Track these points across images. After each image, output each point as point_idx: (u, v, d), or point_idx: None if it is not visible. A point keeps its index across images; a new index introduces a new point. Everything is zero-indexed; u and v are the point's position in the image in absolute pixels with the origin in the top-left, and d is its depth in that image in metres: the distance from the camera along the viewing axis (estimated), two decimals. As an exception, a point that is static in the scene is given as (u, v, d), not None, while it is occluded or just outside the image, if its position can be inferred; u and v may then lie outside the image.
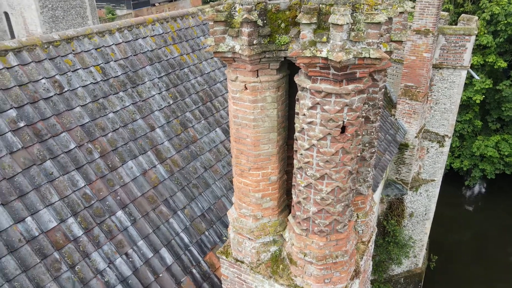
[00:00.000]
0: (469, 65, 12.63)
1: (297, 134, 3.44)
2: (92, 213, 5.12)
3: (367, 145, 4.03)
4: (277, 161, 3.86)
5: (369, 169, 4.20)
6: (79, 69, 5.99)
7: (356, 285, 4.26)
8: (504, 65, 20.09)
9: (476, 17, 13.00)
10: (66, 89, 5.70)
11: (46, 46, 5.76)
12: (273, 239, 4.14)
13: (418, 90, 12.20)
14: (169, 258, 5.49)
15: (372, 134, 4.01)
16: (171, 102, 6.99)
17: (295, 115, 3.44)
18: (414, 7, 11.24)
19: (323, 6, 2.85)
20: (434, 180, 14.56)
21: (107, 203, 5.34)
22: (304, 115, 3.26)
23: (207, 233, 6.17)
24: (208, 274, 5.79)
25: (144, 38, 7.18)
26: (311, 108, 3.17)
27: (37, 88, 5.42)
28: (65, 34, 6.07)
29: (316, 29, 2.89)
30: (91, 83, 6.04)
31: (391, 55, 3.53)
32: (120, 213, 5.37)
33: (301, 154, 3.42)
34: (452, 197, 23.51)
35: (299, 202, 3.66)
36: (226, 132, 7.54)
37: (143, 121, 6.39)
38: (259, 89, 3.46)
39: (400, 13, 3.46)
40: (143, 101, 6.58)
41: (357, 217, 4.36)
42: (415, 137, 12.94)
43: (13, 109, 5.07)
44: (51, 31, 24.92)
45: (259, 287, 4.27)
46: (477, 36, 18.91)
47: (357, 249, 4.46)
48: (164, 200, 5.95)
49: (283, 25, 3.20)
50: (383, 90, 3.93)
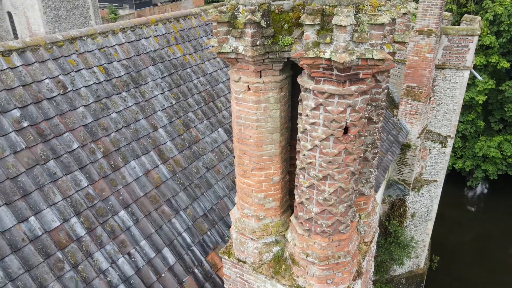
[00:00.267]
0: (472, 66, 12.60)
1: (300, 134, 3.44)
2: (95, 213, 5.14)
3: (369, 146, 4.03)
4: (280, 162, 3.86)
5: (372, 170, 4.20)
6: (82, 69, 6.01)
7: (358, 286, 4.26)
8: (507, 65, 20.03)
9: (479, 18, 12.97)
10: (69, 89, 5.72)
11: (49, 46, 5.78)
12: (275, 240, 4.15)
13: (420, 90, 12.18)
14: (171, 258, 5.51)
15: (374, 135, 4.01)
16: (174, 102, 7.01)
17: (298, 116, 3.44)
18: (417, 8, 11.23)
19: (327, 7, 2.85)
20: (436, 180, 14.53)
21: (110, 203, 5.36)
22: (307, 115, 3.26)
23: (209, 233, 6.18)
24: (210, 274, 5.80)
25: (147, 38, 7.20)
26: (314, 109, 3.18)
27: (40, 88, 5.44)
28: (68, 34, 6.09)
29: (319, 30, 2.90)
30: (94, 83, 6.06)
31: (394, 56, 3.53)
32: (122, 213, 5.39)
33: (304, 154, 3.43)
34: (454, 198, 23.46)
35: (301, 202, 3.66)
36: (228, 132, 7.55)
37: (145, 121, 6.41)
38: (262, 90, 3.47)
39: (403, 14, 3.47)
40: (145, 101, 6.60)
41: (359, 217, 4.37)
42: (417, 137, 12.92)
43: (16, 109, 5.09)
44: (54, 31, 25.01)
45: (261, 287, 4.28)
46: (480, 36, 18.85)
47: (359, 249, 4.46)
48: (166, 200, 5.97)
49: (286, 26, 3.21)
50: (386, 90, 3.93)
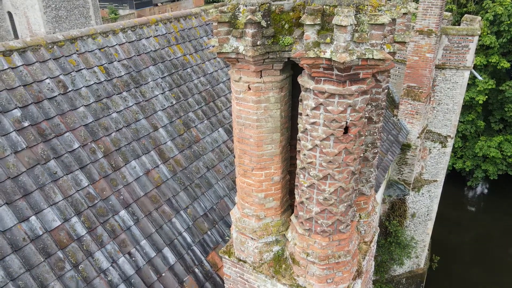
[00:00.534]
0: (472, 66, 12.61)
1: (300, 134, 3.45)
2: (95, 213, 5.14)
3: (369, 145, 4.04)
4: (280, 161, 3.87)
5: (372, 170, 4.21)
6: (83, 69, 6.02)
7: (358, 285, 4.27)
8: (507, 65, 20.04)
9: (479, 18, 12.98)
10: (70, 89, 5.73)
11: (50, 46, 5.79)
12: (275, 239, 4.16)
13: (420, 90, 12.18)
14: (171, 257, 5.52)
15: (375, 134, 4.02)
16: (174, 102, 7.02)
17: (298, 116, 3.45)
18: (417, 8, 11.23)
19: (327, 7, 2.86)
20: (436, 180, 14.54)
21: (111, 202, 5.36)
22: (307, 115, 3.27)
23: (209, 232, 6.19)
24: (210, 273, 5.81)
25: (147, 38, 7.21)
26: (314, 108, 3.18)
27: (41, 88, 5.45)
28: (69, 34, 6.10)
29: (319, 30, 2.90)
30: (95, 83, 6.07)
31: (395, 56, 3.54)
32: (123, 213, 5.40)
33: (304, 154, 3.43)
34: (454, 198, 23.47)
35: (302, 202, 3.67)
36: (228, 132, 7.56)
37: (146, 121, 6.42)
38: (263, 90, 3.48)
39: (403, 14, 3.47)
40: (146, 101, 6.61)
41: (360, 217, 4.37)
42: (418, 137, 12.93)
43: (17, 109, 5.10)
44: (54, 31, 25.02)
45: (261, 286, 4.29)
46: (480, 36, 18.87)
47: (359, 249, 4.47)
48: (167, 199, 5.98)
49: (286, 26, 3.21)
50: (386, 90, 3.94)
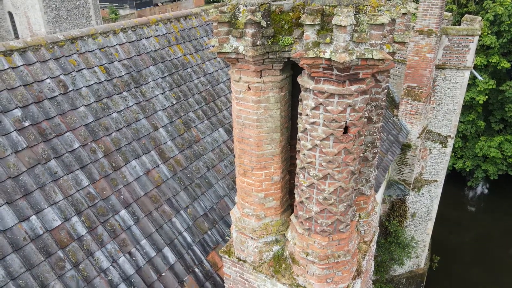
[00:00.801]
0: (472, 66, 12.62)
1: (300, 134, 3.46)
2: (95, 212, 5.15)
3: (369, 145, 4.05)
4: (280, 161, 3.88)
5: (372, 170, 4.22)
6: (83, 69, 6.03)
7: (358, 285, 4.28)
8: (507, 65, 20.04)
9: (479, 18, 12.98)
10: (70, 89, 5.74)
11: (51, 46, 5.80)
12: (275, 239, 4.17)
13: (420, 90, 12.19)
14: (172, 257, 5.53)
15: (374, 134, 4.03)
16: (174, 102, 7.03)
17: (298, 116, 3.46)
18: (417, 8, 11.24)
19: (327, 7, 2.86)
20: (436, 180, 14.54)
21: (111, 202, 5.37)
22: (307, 115, 3.27)
23: (209, 232, 6.20)
24: (210, 273, 5.81)
25: (147, 38, 7.22)
26: (314, 108, 3.19)
27: (42, 87, 5.46)
28: (69, 34, 6.11)
29: (319, 30, 2.91)
30: (95, 83, 6.08)
31: (394, 56, 3.54)
32: (123, 212, 5.41)
33: (304, 154, 3.44)
34: (454, 198, 23.47)
35: (301, 202, 3.68)
36: (229, 132, 7.57)
37: (146, 121, 6.43)
38: (263, 90, 3.49)
39: (403, 14, 3.48)
40: (146, 101, 6.62)
41: (359, 217, 4.38)
42: (418, 137, 12.94)
43: (18, 109, 5.11)
44: (55, 31, 25.04)
45: (261, 286, 4.29)
46: (480, 36, 18.87)
47: (359, 249, 4.48)
48: (167, 199, 5.99)
49: (286, 26, 3.22)
50: (386, 90, 3.94)
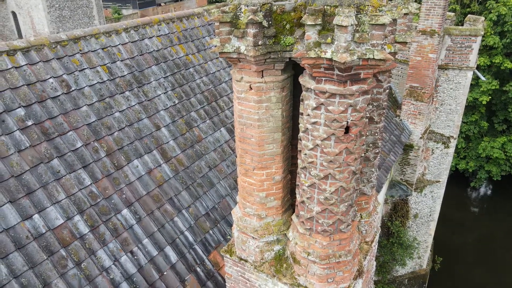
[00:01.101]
0: (475, 66, 12.58)
1: (301, 134, 3.46)
2: (98, 211, 5.18)
3: (371, 145, 4.05)
4: (281, 161, 3.89)
5: (373, 170, 4.22)
6: (86, 68, 6.06)
7: (359, 285, 4.28)
8: (510, 66, 19.95)
9: (482, 18, 12.95)
10: (73, 89, 5.77)
11: (54, 46, 5.83)
12: (276, 238, 4.17)
13: (423, 91, 12.16)
14: (173, 256, 5.54)
15: (376, 134, 4.03)
16: (177, 101, 7.05)
17: (300, 115, 3.46)
18: (419, 9, 11.22)
19: (328, 7, 2.87)
20: (439, 181, 14.51)
21: (113, 201, 5.40)
22: (308, 115, 3.28)
23: (211, 232, 6.21)
24: (212, 272, 5.83)
25: (150, 38, 7.24)
26: (315, 108, 3.20)
27: (45, 87, 5.49)
28: (72, 34, 6.14)
29: (321, 30, 2.92)
30: (98, 82, 6.11)
31: (396, 56, 3.54)
32: (125, 211, 5.43)
33: (305, 154, 3.45)
34: (457, 199, 23.40)
35: (302, 201, 3.68)
36: (230, 131, 7.58)
37: (148, 121, 6.45)
38: (264, 90, 3.49)
39: (404, 14, 3.48)
40: (148, 100, 6.64)
41: (361, 217, 4.38)
42: (420, 138, 12.91)
43: (21, 108, 5.14)
44: (58, 31, 25.13)
45: (262, 285, 4.30)
46: (483, 36, 18.82)
47: (360, 249, 4.48)
48: (169, 199, 6.01)
49: (288, 26, 3.23)
50: (388, 90, 3.94)
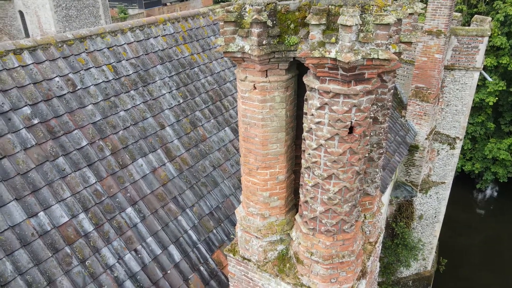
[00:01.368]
0: (482, 67, 12.48)
1: (305, 134, 3.46)
2: (102, 209, 5.21)
3: (375, 145, 4.03)
4: (285, 161, 3.88)
5: (377, 170, 4.20)
6: (91, 67, 6.10)
7: (362, 286, 4.27)
8: (518, 67, 19.77)
9: (489, 18, 12.84)
10: (79, 87, 5.81)
11: (60, 45, 5.87)
12: (280, 238, 4.17)
13: (429, 91, 12.09)
14: (177, 255, 5.56)
15: (380, 135, 4.01)
16: (181, 101, 7.07)
17: (304, 115, 3.46)
18: (425, 9, 11.16)
19: (332, 7, 2.87)
20: (444, 182, 14.41)
21: (117, 199, 5.43)
22: (312, 115, 3.28)
23: (215, 231, 6.22)
24: (215, 271, 5.84)
25: (155, 37, 7.27)
26: (319, 108, 3.19)
27: (51, 86, 5.53)
28: (78, 33, 6.18)
29: (325, 30, 2.91)
30: (103, 81, 6.14)
31: (400, 56, 3.53)
32: (129, 210, 5.46)
33: (309, 153, 3.45)
34: (463, 200, 23.23)
35: (306, 201, 3.68)
36: (235, 131, 7.59)
37: (153, 120, 6.48)
38: (268, 89, 3.50)
39: (409, 14, 3.46)
40: (153, 99, 6.67)
41: (365, 217, 4.37)
42: (426, 138, 12.84)
43: (27, 106, 5.19)
44: (65, 30, 25.32)
45: (265, 285, 4.30)
46: (490, 37, 18.67)
47: (364, 249, 4.46)
48: (173, 197, 6.03)
49: (292, 26, 3.23)
50: (392, 91, 3.93)
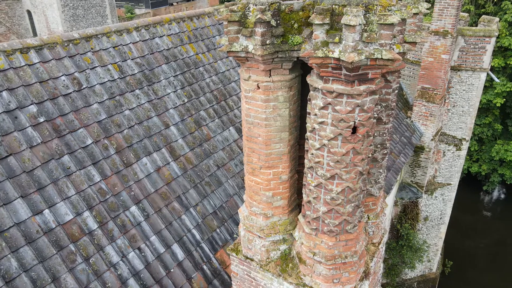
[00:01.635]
0: (489, 68, 12.37)
1: (308, 133, 3.46)
2: (107, 208, 5.24)
3: (379, 146, 4.02)
4: (288, 160, 3.88)
5: (381, 171, 4.18)
6: (97, 66, 6.14)
7: (365, 287, 4.25)
8: (526, 68, 19.57)
9: (497, 19, 12.73)
10: (84, 86, 5.85)
11: (66, 44, 5.92)
12: (283, 238, 4.17)
13: (435, 92, 12.01)
14: (180, 254, 5.58)
15: (384, 135, 4.00)
16: (186, 100, 7.09)
17: (307, 115, 3.46)
18: (432, 8, 11.09)
19: (336, 7, 2.86)
20: (450, 184, 14.31)
21: (122, 198, 5.46)
22: (315, 115, 3.27)
23: (218, 230, 6.24)
24: (218, 271, 5.85)
25: (160, 37, 7.30)
26: (323, 108, 3.19)
27: (56, 84, 5.58)
28: (84, 32, 6.23)
29: (328, 29, 2.91)
30: (109, 80, 6.18)
31: (404, 56, 3.51)
32: (133, 208, 5.48)
33: (312, 153, 3.44)
34: (469, 202, 23.03)
35: (309, 201, 3.68)
36: (239, 131, 7.60)
37: (158, 119, 6.50)
38: (272, 89, 3.50)
39: (414, 14, 3.45)
40: (158, 99, 6.69)
41: (368, 218, 4.35)
42: (432, 139, 12.75)
43: (33, 105, 5.23)
44: (72, 29, 25.52)
45: (268, 285, 4.30)
46: (498, 38, 18.49)
47: (367, 250, 4.45)
48: (177, 196, 6.05)
49: (296, 26, 3.22)
50: (397, 91, 3.91)
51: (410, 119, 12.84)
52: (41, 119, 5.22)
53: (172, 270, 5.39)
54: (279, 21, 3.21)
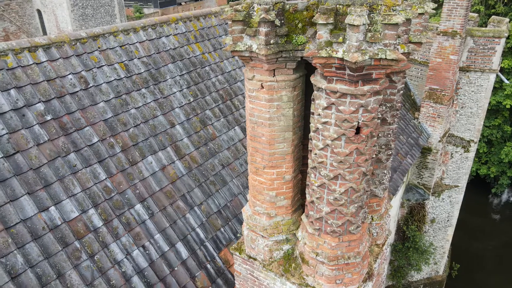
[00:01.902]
0: (498, 69, 12.23)
1: (312, 133, 3.45)
2: (112, 205, 5.28)
3: (383, 147, 3.99)
4: (292, 160, 3.88)
5: (385, 172, 4.16)
6: (104, 65, 6.19)
7: (368, 288, 4.23)
8: (537, 69, 19.31)
9: (507, 19, 12.58)
10: (91, 85, 5.90)
11: (73, 43, 5.98)
12: (286, 238, 4.17)
13: (443, 93, 11.90)
14: (184, 252, 5.60)
15: (389, 136, 3.97)
16: (192, 99, 7.12)
17: (311, 115, 3.45)
18: (440, 9, 10.99)
19: (340, 6, 2.85)
20: (458, 186, 14.17)
21: (127, 196, 5.50)
22: (319, 115, 3.26)
23: (222, 229, 6.25)
24: (222, 270, 5.87)
25: (167, 36, 7.33)
26: (326, 108, 3.18)
27: (64, 83, 5.64)
28: (92, 31, 6.28)
29: (332, 29, 2.90)
30: (115, 79, 6.23)
31: (409, 57, 3.49)
32: (138, 206, 5.52)
33: (315, 153, 3.43)
34: (477, 205, 22.79)
35: (312, 201, 3.67)
36: (244, 130, 7.61)
37: (163, 118, 6.54)
38: (275, 88, 3.50)
39: (420, 14, 3.42)
40: (164, 98, 6.73)
41: (372, 219, 4.33)
42: (439, 141, 12.64)
43: (41, 103, 5.29)
44: (81, 29, 25.76)
45: (271, 284, 4.31)
46: (508, 38, 18.27)
47: (370, 251, 4.43)
48: (181, 195, 6.07)
49: (300, 25, 3.22)
50: (402, 91, 3.88)
51: (417, 120, 12.74)
52: (48, 117, 5.28)
53: (176, 268, 5.41)
54: (283, 21, 3.21)
